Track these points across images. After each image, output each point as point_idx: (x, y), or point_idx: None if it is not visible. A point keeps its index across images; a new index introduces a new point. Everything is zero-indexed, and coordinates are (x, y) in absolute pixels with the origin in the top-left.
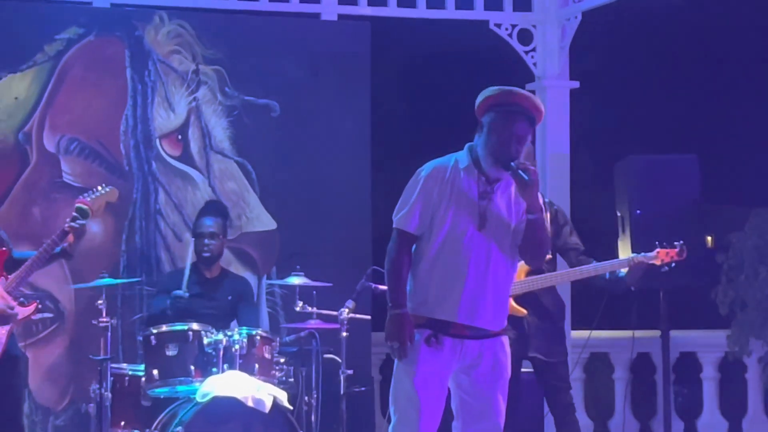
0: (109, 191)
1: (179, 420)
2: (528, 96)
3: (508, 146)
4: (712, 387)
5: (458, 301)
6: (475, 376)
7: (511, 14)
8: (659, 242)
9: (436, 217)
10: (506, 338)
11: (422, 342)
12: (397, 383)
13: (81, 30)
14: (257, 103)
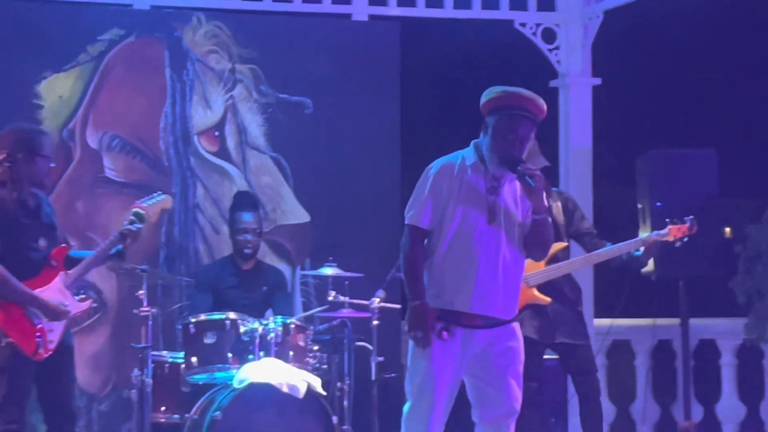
0: (165, 198)
1: (217, 405)
2: (531, 98)
3: (512, 148)
4: (730, 373)
5: (471, 292)
6: (489, 362)
7: (536, 14)
8: (670, 219)
9: (446, 213)
10: (517, 325)
11: (434, 335)
12: (412, 372)
13: (122, 31)
14: (291, 100)
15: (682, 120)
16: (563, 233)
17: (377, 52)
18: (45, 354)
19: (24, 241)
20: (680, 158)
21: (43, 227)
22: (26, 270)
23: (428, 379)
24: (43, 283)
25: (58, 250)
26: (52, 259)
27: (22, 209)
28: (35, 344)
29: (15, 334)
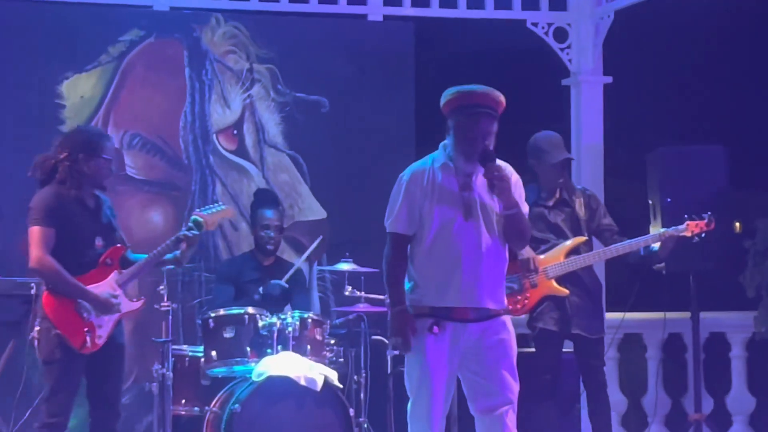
0: (225, 209)
1: (236, 398)
2: (485, 92)
3: (475, 144)
4: (740, 365)
5: (459, 287)
6: (481, 355)
7: (547, 13)
8: (688, 215)
9: (424, 215)
10: (508, 318)
11: (427, 331)
12: (410, 369)
13: (142, 32)
14: (308, 99)
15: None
16: (584, 228)
17: (392, 52)
18: (92, 348)
19: (81, 239)
20: (690, 154)
21: (100, 227)
22: (82, 266)
23: (424, 376)
24: (98, 280)
25: (114, 249)
26: (107, 258)
27: (80, 207)
28: (83, 338)
29: (63, 327)
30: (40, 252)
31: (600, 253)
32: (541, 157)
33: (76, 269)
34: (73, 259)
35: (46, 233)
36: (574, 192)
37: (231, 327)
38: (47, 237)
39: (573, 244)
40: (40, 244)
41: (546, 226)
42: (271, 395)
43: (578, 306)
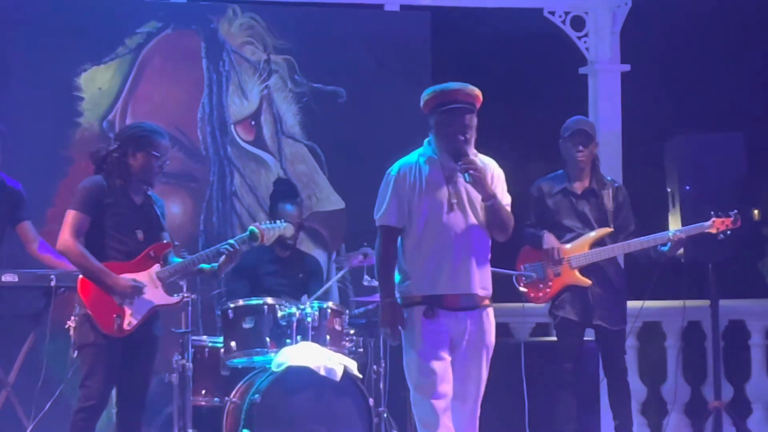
0: (286, 227)
1: (256, 388)
2: (460, 89)
3: (455, 139)
4: (759, 353)
5: (448, 274)
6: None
7: (564, 2)
8: (714, 212)
9: (413, 208)
10: (491, 310)
11: (422, 317)
12: (408, 357)
13: (159, 24)
14: (325, 90)
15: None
16: (610, 219)
17: (409, 42)
18: (119, 334)
19: (122, 228)
20: (708, 142)
21: (143, 221)
22: (122, 253)
23: (421, 361)
24: (138, 270)
25: (159, 245)
26: (151, 251)
27: (125, 199)
28: (112, 322)
29: (95, 310)
30: (68, 234)
31: (624, 245)
32: (562, 135)
33: (116, 255)
34: (112, 246)
35: (80, 218)
36: (604, 184)
37: (250, 317)
38: (79, 222)
39: (598, 235)
40: (71, 228)
41: (574, 213)
42: (290, 385)
43: (601, 297)
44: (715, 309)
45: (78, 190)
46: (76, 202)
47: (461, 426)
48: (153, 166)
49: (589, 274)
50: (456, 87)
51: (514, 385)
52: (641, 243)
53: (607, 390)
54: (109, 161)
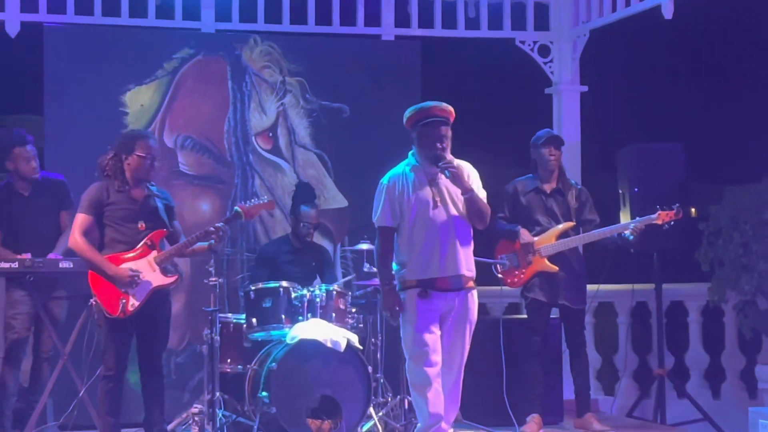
0: (266, 202)
1: (273, 357)
2: (436, 105)
3: (434, 148)
4: (696, 329)
5: (438, 260)
6: (449, 322)
7: (533, 33)
8: (659, 206)
9: (404, 209)
10: (475, 291)
11: (416, 297)
12: (404, 331)
13: (192, 51)
14: (331, 106)
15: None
16: (573, 215)
17: (402, 66)
18: (124, 314)
19: (124, 221)
20: (654, 151)
21: (145, 213)
22: (123, 243)
23: (415, 334)
24: (137, 257)
25: (155, 233)
26: (148, 240)
27: (124, 196)
28: (118, 305)
29: (102, 297)
30: (76, 234)
31: (585, 236)
32: (534, 143)
33: (119, 246)
34: (116, 237)
35: (84, 220)
36: (569, 186)
37: (269, 298)
38: (84, 223)
39: (564, 228)
40: (78, 228)
41: (544, 210)
42: (302, 355)
43: (565, 281)
44: (659, 291)
45: (83, 196)
46: (81, 206)
47: (447, 389)
48: (144, 165)
49: (555, 261)
50: (432, 104)
51: (493, 355)
52: (599, 234)
53: (569, 359)
54: (108, 168)
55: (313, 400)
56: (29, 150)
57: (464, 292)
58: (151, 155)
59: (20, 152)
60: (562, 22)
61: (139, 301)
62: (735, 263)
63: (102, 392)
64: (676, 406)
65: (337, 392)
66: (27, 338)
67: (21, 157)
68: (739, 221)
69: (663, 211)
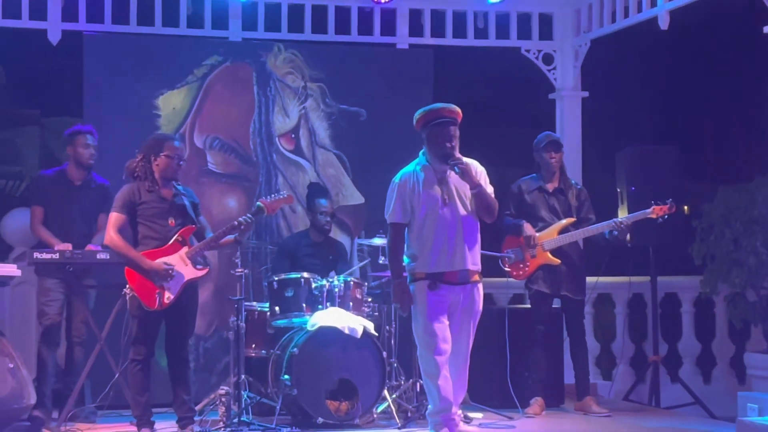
0: (285, 197)
1: (295, 343)
2: (444, 107)
3: (443, 147)
4: (689, 319)
5: (447, 255)
6: (457, 313)
7: (538, 42)
8: (654, 201)
9: (414, 206)
10: (481, 284)
11: (426, 289)
12: (415, 322)
13: (220, 58)
14: (349, 110)
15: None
16: (573, 212)
17: (416, 73)
18: (162, 307)
19: (155, 219)
20: (650, 153)
21: (174, 210)
22: (155, 240)
23: (426, 323)
24: (169, 252)
25: (185, 229)
26: (179, 236)
27: (154, 195)
28: (154, 298)
29: (139, 290)
30: (111, 232)
31: (584, 231)
32: (536, 146)
33: (152, 242)
34: (148, 234)
35: (117, 219)
36: (570, 185)
37: (291, 288)
38: (118, 221)
39: (565, 224)
40: (113, 227)
41: (546, 207)
42: (321, 341)
43: (566, 273)
44: (654, 283)
45: (116, 197)
46: (115, 206)
47: (455, 374)
48: (172, 165)
49: (557, 254)
50: (441, 106)
51: (498, 342)
52: (596, 229)
53: (569, 347)
54: (137, 169)
55: (332, 383)
56: (89, 138)
57: (470, 285)
58: (177, 156)
59: (81, 139)
60: (564, 31)
61: (174, 293)
62: (726, 258)
63: (132, 374)
64: (670, 391)
65: (354, 376)
66: (60, 323)
67: (80, 142)
68: (730, 218)
69: (657, 206)
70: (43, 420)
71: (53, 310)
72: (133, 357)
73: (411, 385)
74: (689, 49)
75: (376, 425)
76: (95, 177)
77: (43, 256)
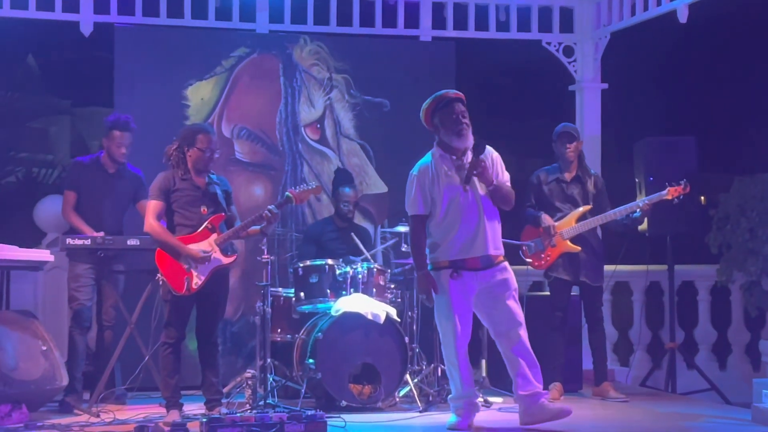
0: (315, 187)
1: (319, 328)
2: (448, 91)
3: (458, 123)
4: (705, 306)
5: (469, 242)
6: (492, 292)
7: (558, 35)
8: (668, 182)
9: (435, 196)
10: (507, 263)
11: (449, 277)
12: (438, 309)
13: (248, 49)
14: (373, 101)
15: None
16: (591, 200)
17: (438, 64)
18: (190, 292)
19: (189, 206)
20: (668, 143)
21: (207, 198)
22: (188, 227)
23: (448, 312)
24: (200, 239)
25: (215, 216)
26: (209, 224)
27: (188, 183)
28: (183, 283)
29: (168, 275)
30: (150, 219)
31: (601, 217)
32: (553, 137)
33: (184, 229)
34: (181, 222)
35: (156, 206)
36: (588, 174)
37: (315, 274)
38: (156, 208)
39: (582, 211)
40: (152, 214)
41: (564, 197)
42: (345, 326)
43: (585, 260)
44: (671, 272)
45: (153, 184)
46: (152, 194)
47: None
48: (203, 157)
49: (576, 242)
50: (444, 91)
51: None
52: (613, 214)
53: (587, 333)
54: (173, 157)
55: (355, 367)
56: (125, 136)
57: (494, 268)
58: (210, 149)
59: (117, 135)
60: (585, 24)
61: (202, 279)
62: (742, 247)
63: (162, 357)
64: (686, 377)
65: (377, 360)
66: (90, 308)
67: (115, 139)
68: (746, 208)
69: (672, 187)
70: (73, 403)
71: (84, 294)
72: (165, 340)
73: (432, 369)
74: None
75: (398, 408)
76: (129, 166)
77: (75, 242)
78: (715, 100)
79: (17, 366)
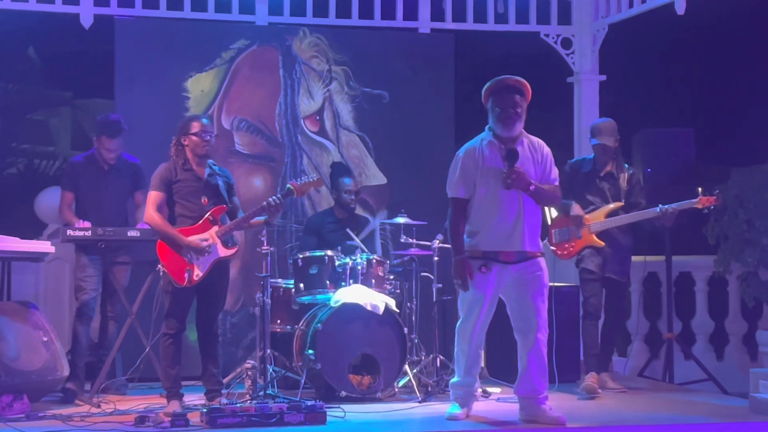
0: (316, 180)
1: (318, 319)
2: (510, 77)
3: (508, 112)
4: (702, 297)
5: (503, 235)
6: (519, 287)
7: (557, 27)
8: (702, 191)
9: (477, 182)
10: (542, 259)
11: (478, 270)
12: (462, 297)
13: (247, 41)
14: (372, 93)
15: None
16: (623, 196)
17: (437, 57)
18: (190, 284)
19: (190, 197)
20: (666, 135)
21: (208, 189)
22: (189, 218)
23: (473, 302)
24: (201, 231)
25: (216, 208)
26: (210, 215)
27: (189, 174)
28: (184, 275)
29: (169, 267)
30: (151, 210)
31: (631, 216)
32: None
33: (186, 220)
34: (182, 213)
35: (157, 196)
36: (622, 169)
37: (315, 265)
38: (157, 199)
39: (613, 207)
40: (152, 205)
41: (596, 190)
42: (345, 317)
43: (612, 255)
44: (669, 263)
45: (154, 175)
46: (153, 184)
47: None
48: (201, 142)
49: (604, 236)
50: (506, 76)
51: None
52: (641, 215)
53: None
54: (173, 150)
55: (355, 358)
56: (114, 143)
57: (528, 262)
58: (204, 131)
59: (105, 142)
60: (583, 16)
61: (203, 271)
62: (739, 238)
63: (163, 348)
64: (683, 367)
65: (376, 351)
66: (95, 299)
67: (104, 145)
68: (743, 200)
69: (704, 197)
70: (75, 392)
71: (89, 285)
72: (165, 331)
73: (431, 360)
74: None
75: (398, 399)
76: (124, 155)
77: (76, 233)
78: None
79: (18, 356)
